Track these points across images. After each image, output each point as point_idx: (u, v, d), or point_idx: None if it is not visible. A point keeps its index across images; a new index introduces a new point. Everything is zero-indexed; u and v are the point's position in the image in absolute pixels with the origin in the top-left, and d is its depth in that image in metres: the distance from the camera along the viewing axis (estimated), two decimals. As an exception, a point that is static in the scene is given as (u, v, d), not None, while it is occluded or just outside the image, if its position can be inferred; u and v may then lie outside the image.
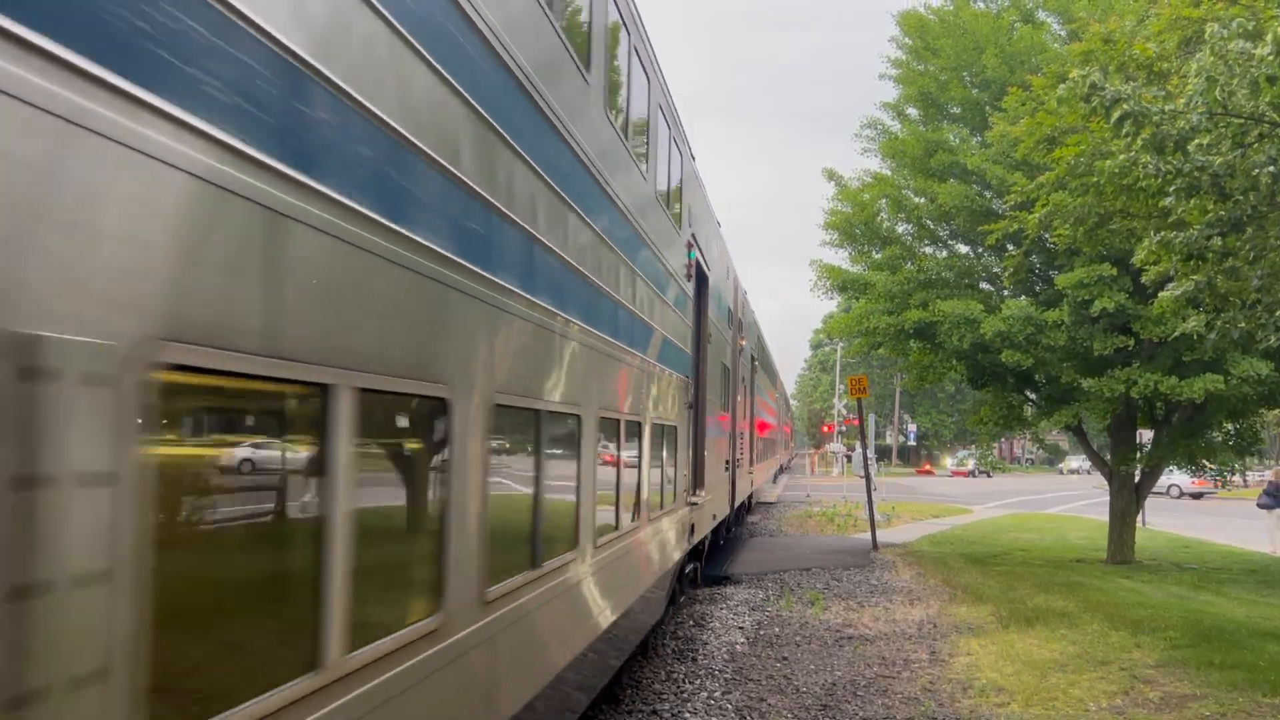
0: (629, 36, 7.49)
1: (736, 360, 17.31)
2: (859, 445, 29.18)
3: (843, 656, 10.63)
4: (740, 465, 18.84)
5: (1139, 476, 19.30)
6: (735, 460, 17.41)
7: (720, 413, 14.67)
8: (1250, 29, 8.74)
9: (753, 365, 22.82)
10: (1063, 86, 10.71)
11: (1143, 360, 16.70)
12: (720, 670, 10.08)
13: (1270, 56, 8.13)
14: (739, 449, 18.38)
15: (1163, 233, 10.32)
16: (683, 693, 9.20)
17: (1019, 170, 16.16)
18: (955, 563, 18.32)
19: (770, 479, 40.39)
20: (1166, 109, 9.37)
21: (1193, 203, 9.75)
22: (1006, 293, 19.16)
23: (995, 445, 77.79)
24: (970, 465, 71.66)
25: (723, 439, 15.27)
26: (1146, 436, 19.69)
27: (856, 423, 26.51)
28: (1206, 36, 9.02)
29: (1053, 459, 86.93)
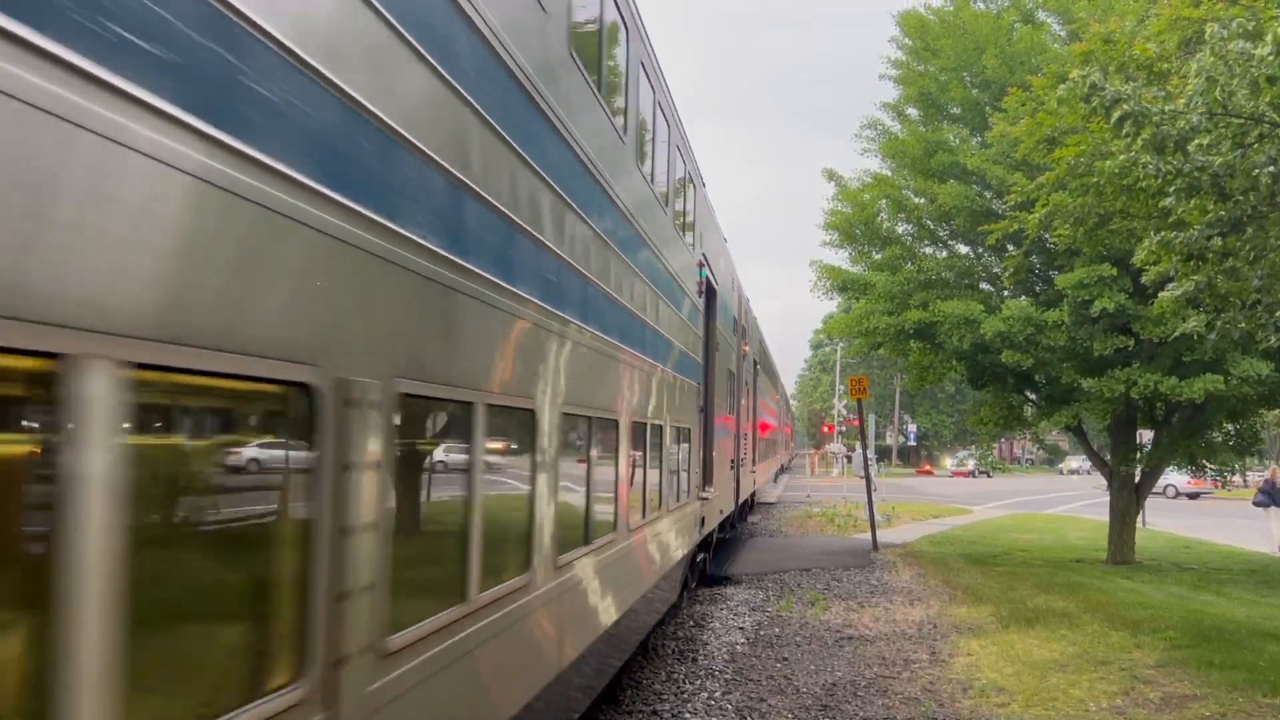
0: (654, 93, 8.92)
1: (740, 365, 18.13)
2: (859, 446, 29.19)
3: (843, 657, 10.63)
4: (744, 464, 19.89)
5: (1139, 477, 19.29)
6: (740, 460, 18.31)
7: (726, 415, 15.52)
8: (1250, 29, 8.74)
9: (755, 369, 23.60)
10: (1063, 87, 10.71)
11: (1143, 360, 16.69)
12: (720, 671, 10.08)
13: (1270, 56, 8.13)
14: (743, 449, 19.38)
15: (1163, 233, 10.32)
16: (683, 693, 9.21)
17: (1019, 170, 16.14)
18: (955, 563, 18.32)
19: (771, 478, 42.04)
20: (1166, 109, 9.37)
21: (1193, 203, 9.75)
22: (1006, 293, 19.16)
23: (995, 446, 77.75)
24: (970, 465, 71.61)
25: (729, 439, 16.05)
26: (1146, 437, 19.69)
27: (857, 423, 26.53)
28: (1206, 37, 9.02)
29: (1053, 459, 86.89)
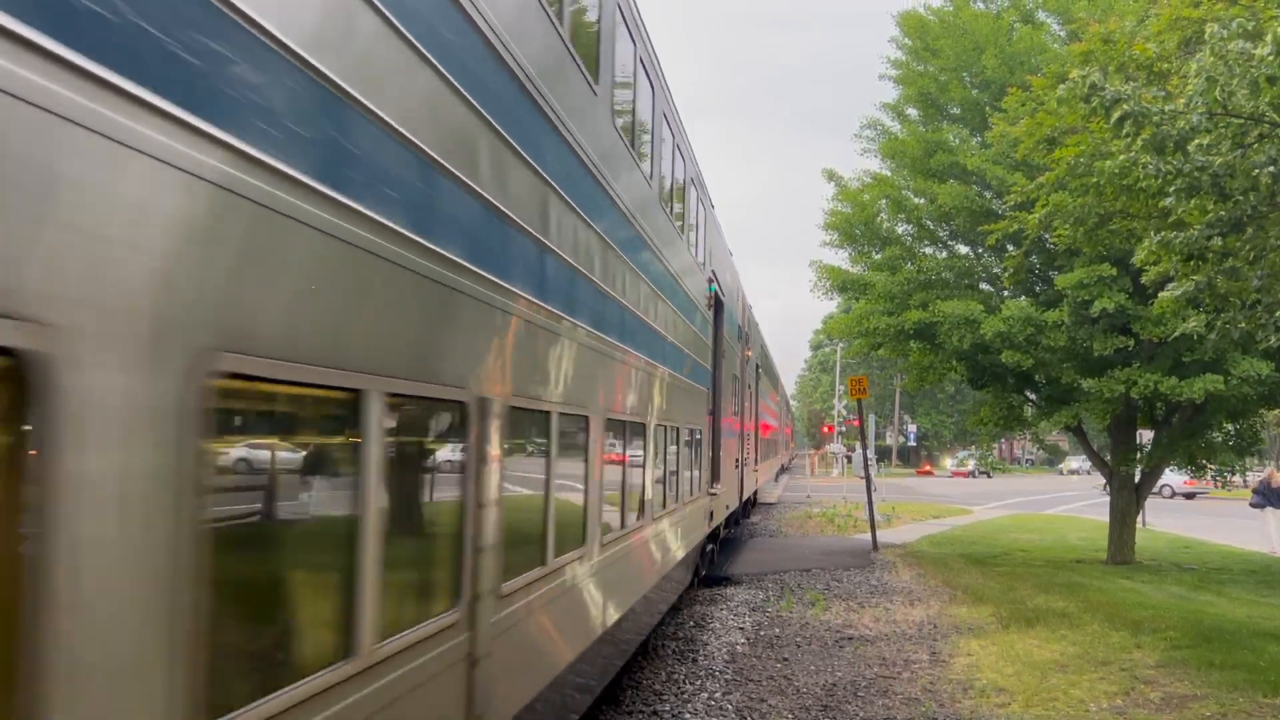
0: (673, 136, 10.06)
1: (744, 370, 19.11)
2: (859, 446, 29.18)
3: (843, 657, 10.63)
4: (747, 464, 21.04)
5: (1139, 477, 19.29)
6: (743, 459, 19.37)
7: (731, 418, 16.49)
8: (1250, 29, 8.73)
9: (757, 373, 24.53)
10: (1063, 87, 10.70)
11: (1143, 361, 16.69)
12: (721, 671, 10.08)
13: (1270, 56, 8.13)
14: (746, 449, 20.47)
15: (1163, 233, 10.32)
16: (683, 693, 9.21)
17: (1019, 171, 16.14)
18: (955, 563, 18.31)
19: (772, 477, 43.46)
20: (1166, 109, 9.36)
21: (1193, 203, 9.75)
22: (1006, 293, 19.15)
23: (995, 446, 77.72)
24: (970, 466, 71.59)
25: (733, 440, 17.00)
26: (1146, 437, 19.68)
27: (857, 423, 26.52)
28: (1206, 37, 9.02)
29: (1053, 459, 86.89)
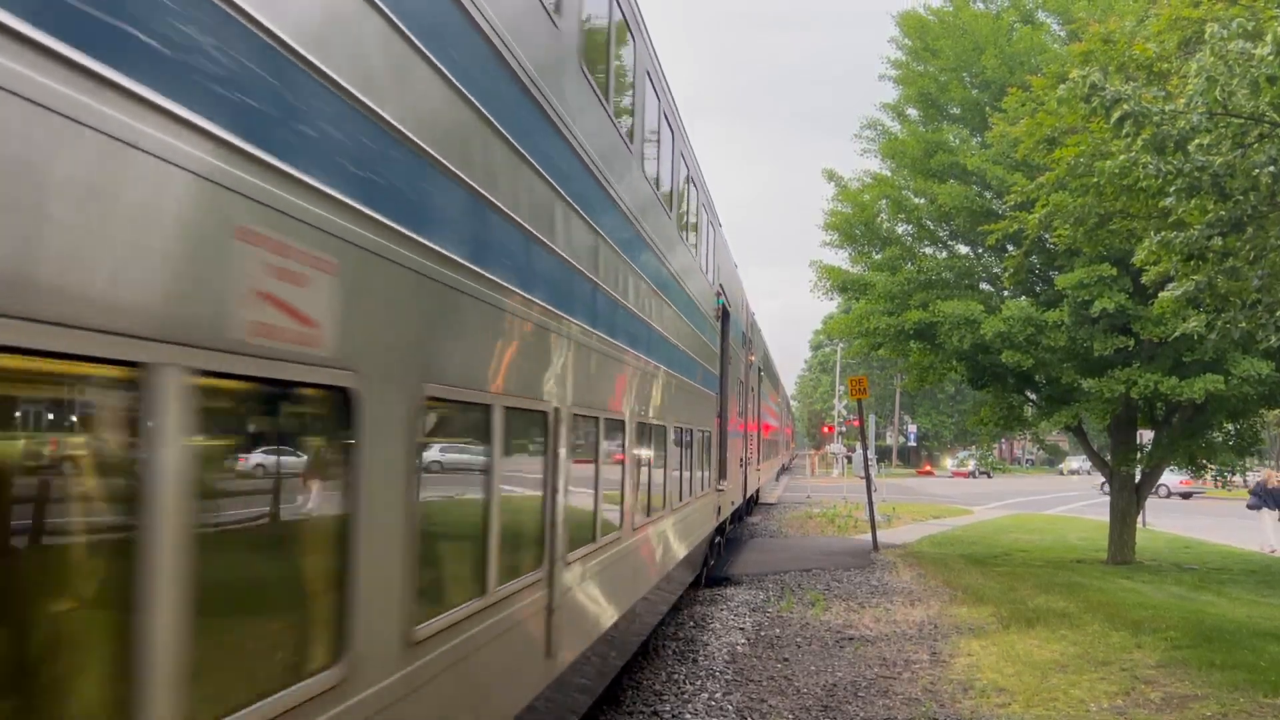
0: (688, 168, 10.92)
1: (747, 374, 20.27)
2: (859, 446, 29.18)
3: (843, 657, 10.63)
4: (750, 463, 22.41)
5: (1139, 477, 19.28)
6: (746, 459, 20.61)
7: (736, 419, 17.46)
8: (1250, 29, 8.73)
9: (759, 376, 25.45)
10: (1063, 87, 10.71)
11: (1143, 361, 16.68)
12: (721, 671, 10.08)
13: (1270, 56, 8.13)
14: (749, 450, 21.69)
15: (1163, 233, 10.32)
16: (683, 694, 9.21)
17: (1019, 171, 16.13)
18: (956, 564, 18.31)
19: (773, 477, 45.14)
20: (1166, 109, 9.36)
21: (1193, 203, 9.74)
22: (1006, 293, 19.15)
23: (995, 446, 77.71)
24: (970, 466, 71.58)
25: (738, 440, 18.12)
26: (1147, 437, 19.67)
27: (857, 424, 26.52)
28: (1206, 37, 9.02)
29: (1053, 460, 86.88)
